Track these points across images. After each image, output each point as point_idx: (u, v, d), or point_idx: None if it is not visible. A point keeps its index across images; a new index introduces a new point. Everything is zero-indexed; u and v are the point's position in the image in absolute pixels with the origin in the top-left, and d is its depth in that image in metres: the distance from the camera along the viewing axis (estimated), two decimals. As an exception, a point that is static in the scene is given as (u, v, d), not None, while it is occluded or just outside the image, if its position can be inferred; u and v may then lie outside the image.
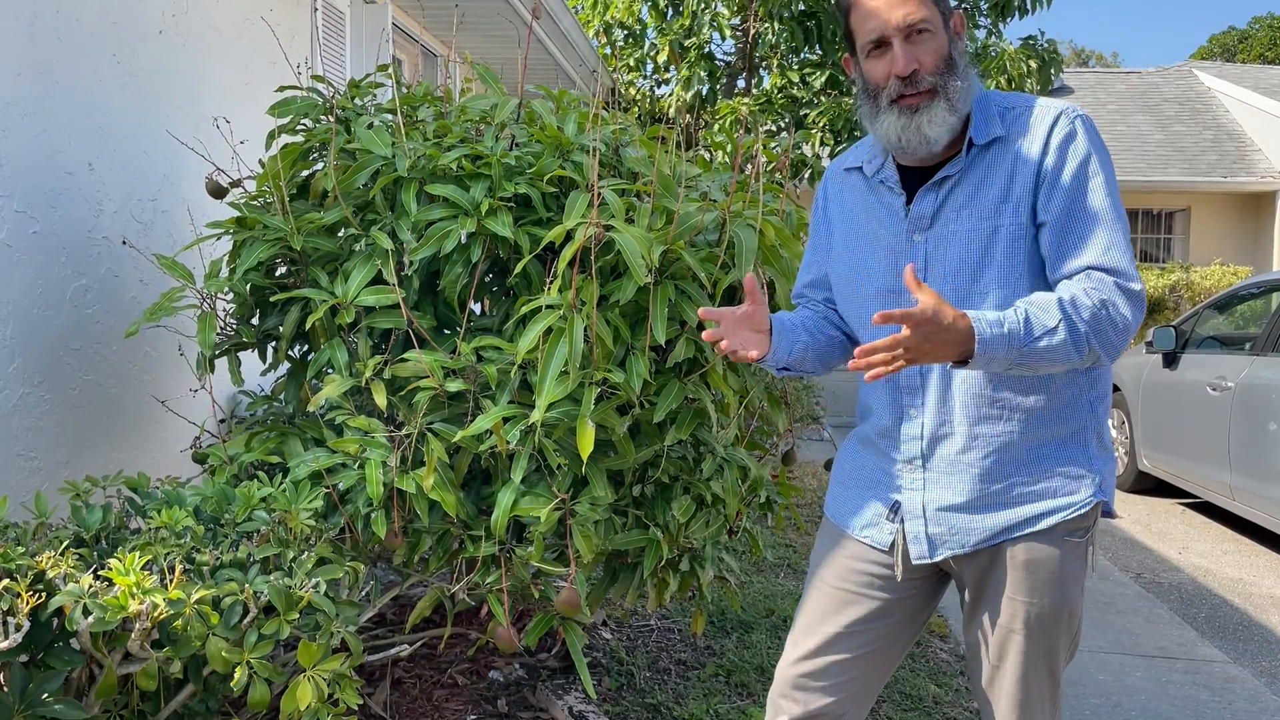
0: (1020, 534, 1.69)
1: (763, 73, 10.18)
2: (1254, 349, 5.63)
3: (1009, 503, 1.69)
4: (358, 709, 2.69)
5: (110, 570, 1.71)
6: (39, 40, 2.70)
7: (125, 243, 3.07)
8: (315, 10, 4.59)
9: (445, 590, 2.50)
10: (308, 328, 2.44)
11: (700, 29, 9.48)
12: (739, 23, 9.67)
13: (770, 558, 4.67)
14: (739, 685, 3.19)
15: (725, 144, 3.73)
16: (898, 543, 1.77)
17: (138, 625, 1.72)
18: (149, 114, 3.21)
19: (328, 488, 2.27)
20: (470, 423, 2.28)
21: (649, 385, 2.39)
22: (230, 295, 2.56)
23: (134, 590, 1.69)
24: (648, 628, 3.63)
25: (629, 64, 10.30)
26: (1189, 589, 4.87)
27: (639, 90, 10.62)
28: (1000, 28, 9.12)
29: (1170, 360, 6.42)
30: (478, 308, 2.68)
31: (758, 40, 9.60)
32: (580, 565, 2.36)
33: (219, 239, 2.60)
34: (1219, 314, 6.58)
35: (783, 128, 9.34)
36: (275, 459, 2.38)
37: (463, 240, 2.37)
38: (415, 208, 2.41)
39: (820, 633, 1.81)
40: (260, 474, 2.28)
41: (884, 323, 1.41)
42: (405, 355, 2.34)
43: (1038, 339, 1.49)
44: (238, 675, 1.78)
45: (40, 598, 1.68)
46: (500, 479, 2.35)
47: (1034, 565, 1.68)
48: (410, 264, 2.40)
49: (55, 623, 1.77)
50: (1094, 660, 3.77)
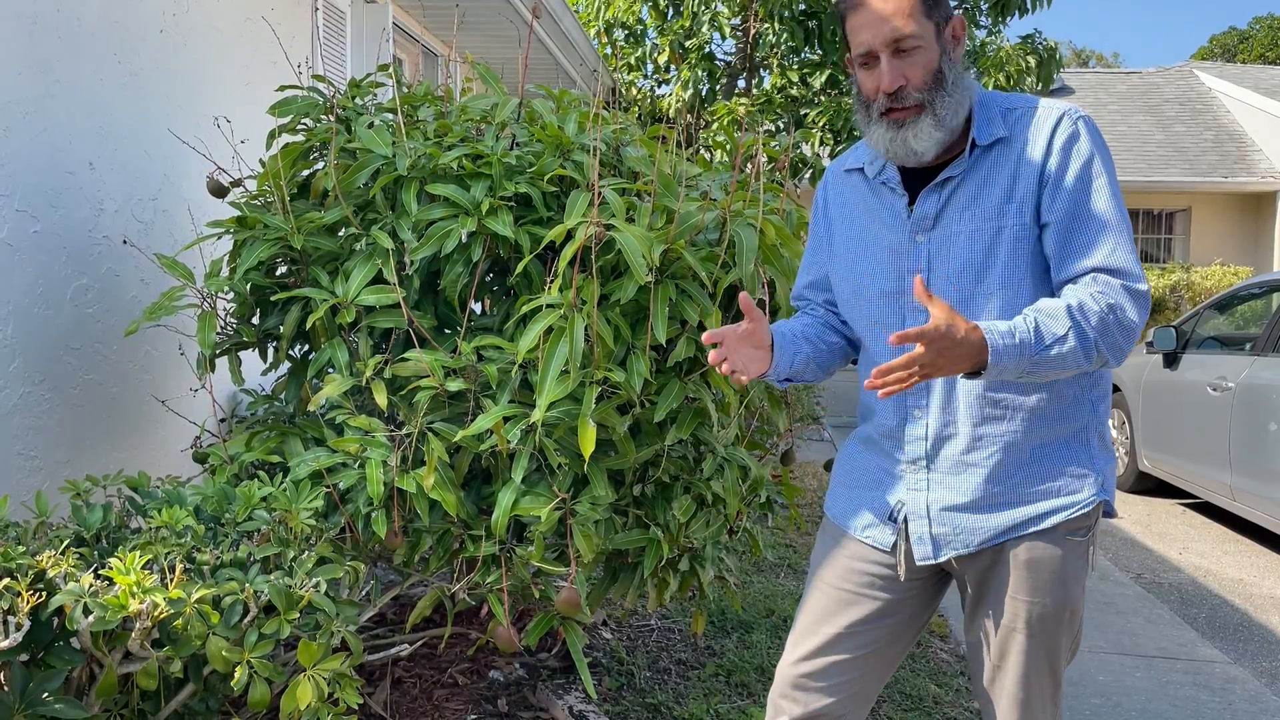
0: (1023, 533, 1.69)
1: (763, 73, 10.18)
2: (1254, 349, 5.63)
3: (1012, 502, 1.69)
4: (358, 708, 2.69)
5: (111, 569, 1.71)
6: (40, 39, 2.70)
7: (126, 242, 3.07)
8: (316, 10, 4.59)
9: (445, 590, 2.50)
10: (308, 327, 2.44)
11: (701, 29, 9.48)
12: (739, 23, 9.68)
13: (770, 558, 4.67)
14: (739, 685, 3.19)
15: (725, 143, 3.73)
16: (900, 543, 1.76)
17: (138, 624, 1.72)
18: (150, 113, 3.21)
19: (328, 487, 2.27)
20: (471, 422, 2.28)
21: (649, 385, 2.39)
22: (231, 294, 2.56)
23: (134, 589, 1.69)
24: (648, 627, 3.63)
25: (629, 64, 10.31)
26: (1189, 589, 4.86)
27: (639, 90, 10.62)
28: (1000, 27, 9.12)
29: (1171, 360, 6.42)
30: (478, 307, 2.68)
31: (758, 40, 9.61)
32: (580, 565, 2.36)
33: (219, 238, 2.60)
34: (1219, 314, 6.58)
35: (782, 128, 9.34)
36: (276, 458, 2.38)
37: (463, 240, 2.37)
38: (416, 207, 2.41)
39: (821, 633, 1.81)
40: (261, 473, 2.28)
41: (900, 343, 1.41)
42: (406, 355, 2.34)
43: (1048, 347, 1.50)
44: (238, 674, 1.78)
45: (41, 597, 1.68)
46: (501, 478, 2.35)
47: (1036, 564, 1.68)
48: (411, 263, 2.40)
49: (56, 622, 1.77)
50: (1094, 660, 3.76)
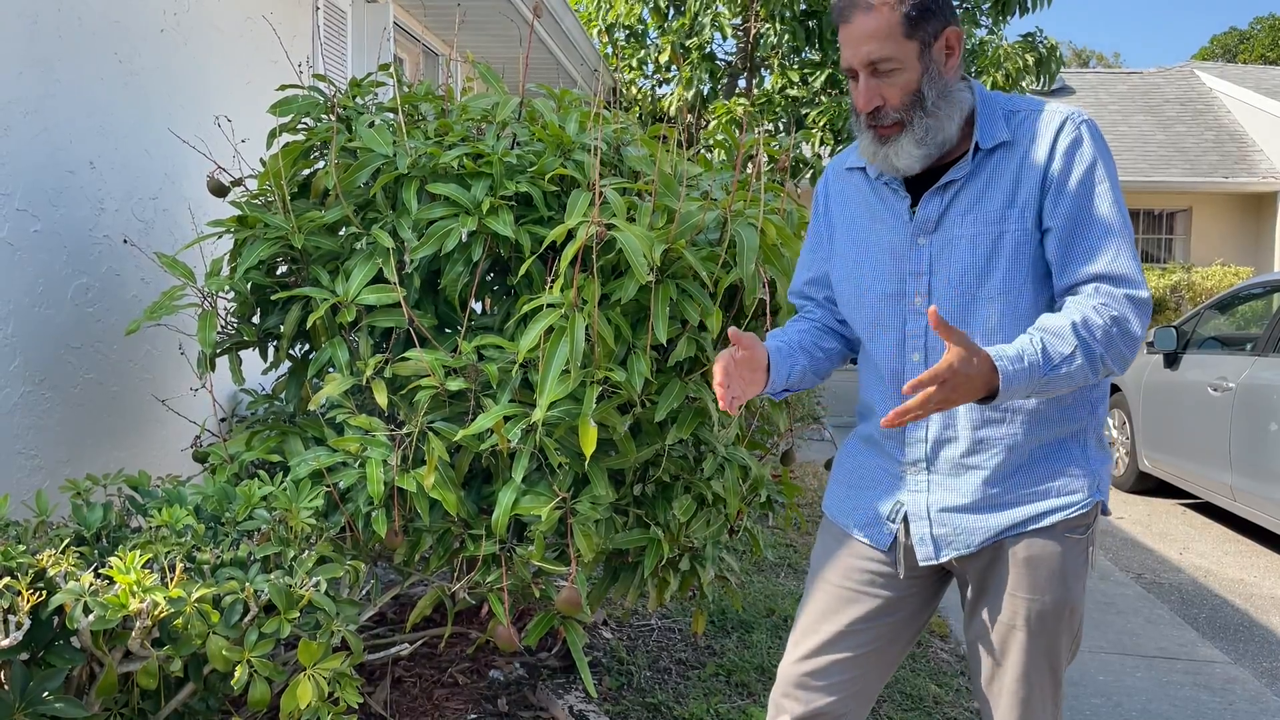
0: (1022, 531, 1.69)
1: (764, 73, 10.18)
2: (1255, 349, 5.63)
3: (1011, 503, 1.70)
4: (358, 708, 2.68)
5: (111, 568, 1.71)
6: (40, 38, 2.70)
7: (126, 241, 3.07)
8: (317, 9, 4.59)
9: (446, 589, 2.50)
10: (308, 326, 2.44)
11: (702, 29, 9.48)
12: (740, 23, 9.67)
13: (771, 557, 4.67)
14: (739, 685, 3.19)
15: (725, 142, 3.73)
16: (900, 541, 1.77)
17: (138, 623, 1.72)
18: (150, 112, 3.21)
19: (328, 486, 2.27)
20: (471, 421, 2.28)
21: (650, 384, 2.39)
22: (231, 294, 2.56)
23: (134, 588, 1.69)
24: (648, 627, 3.63)
25: (630, 64, 10.30)
26: (1190, 589, 4.86)
27: (640, 90, 10.62)
28: (1001, 26, 9.11)
29: (1171, 361, 6.42)
30: (479, 306, 2.68)
31: (759, 40, 9.60)
32: (581, 564, 2.36)
33: (220, 237, 2.60)
34: (1220, 314, 6.58)
35: (782, 128, 9.34)
36: (276, 458, 2.38)
37: (464, 239, 2.37)
38: (416, 206, 2.41)
39: (823, 631, 1.81)
40: (261, 473, 2.28)
41: (914, 391, 1.43)
42: (406, 354, 2.34)
43: (1057, 367, 1.51)
44: (238, 674, 1.78)
45: (41, 596, 1.68)
46: (501, 478, 2.35)
47: (1035, 561, 1.69)
48: (411, 262, 2.40)
49: (56, 621, 1.77)
50: (1094, 660, 3.76)
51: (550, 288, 2.29)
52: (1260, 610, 4.58)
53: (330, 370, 2.48)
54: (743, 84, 10.13)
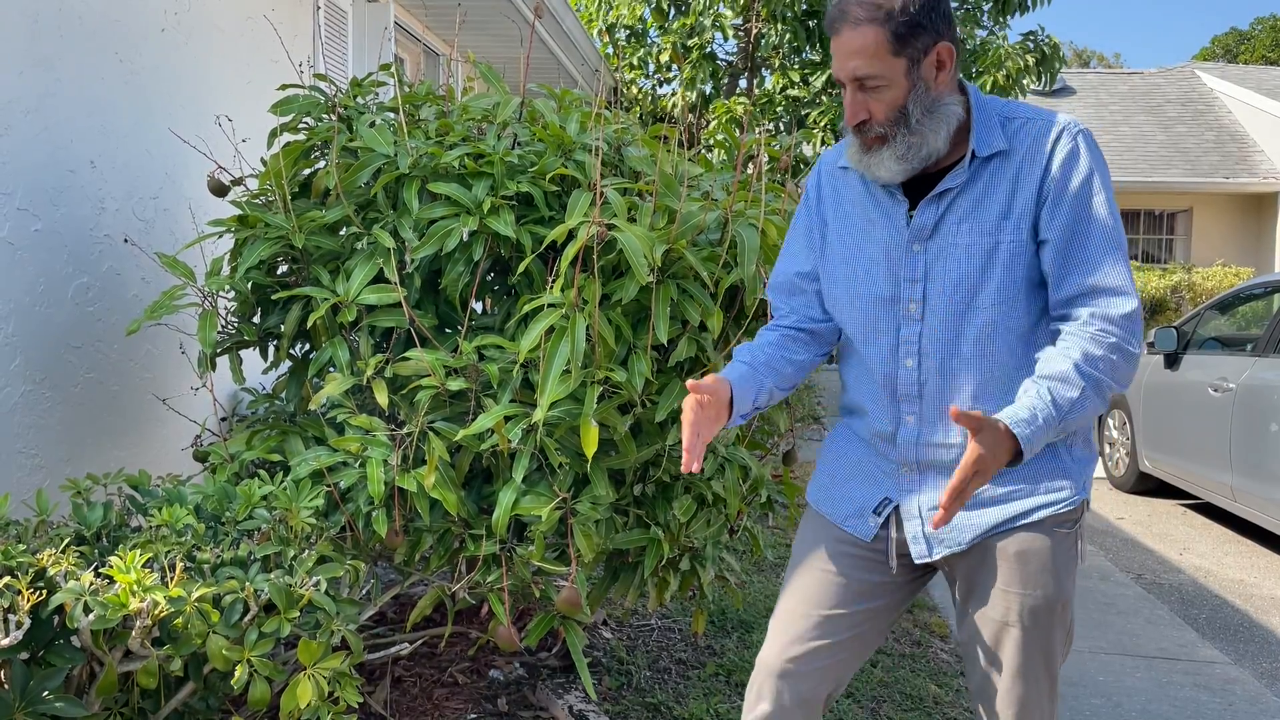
0: (1011, 527, 1.71)
1: (765, 73, 10.18)
2: (1255, 350, 5.63)
3: (1001, 500, 1.72)
4: (358, 707, 2.68)
5: (111, 568, 1.71)
6: (41, 37, 2.70)
7: (127, 241, 3.07)
8: (317, 9, 4.59)
9: (446, 589, 2.50)
10: (309, 326, 2.44)
11: (703, 29, 9.48)
12: (741, 23, 9.67)
13: (771, 557, 4.67)
14: (739, 685, 3.19)
15: (725, 142, 3.73)
16: (889, 536, 1.79)
17: (138, 623, 1.72)
18: (151, 112, 3.21)
19: (329, 486, 2.27)
20: (472, 421, 2.28)
21: (651, 384, 2.39)
22: (232, 293, 2.56)
23: (135, 588, 1.69)
24: (648, 627, 3.63)
25: (631, 63, 10.30)
26: (1190, 590, 4.86)
27: (641, 90, 10.62)
28: (1002, 26, 9.11)
29: (1172, 361, 6.42)
30: (479, 306, 2.68)
31: (760, 40, 9.60)
32: (581, 564, 2.36)
33: (220, 237, 2.60)
34: (1221, 315, 6.58)
35: (783, 128, 9.34)
36: (276, 457, 2.38)
37: (465, 239, 2.37)
38: (417, 206, 2.41)
39: (805, 619, 1.82)
40: (261, 472, 2.28)
41: (949, 516, 1.50)
42: (407, 354, 2.34)
43: (1070, 413, 1.57)
44: (238, 673, 1.78)
45: (41, 595, 1.68)
46: (501, 478, 2.35)
47: (1026, 556, 1.70)
48: (412, 262, 2.40)
49: (56, 620, 1.77)
50: (1094, 661, 3.76)
51: (551, 288, 2.29)
52: (1260, 611, 4.58)
53: (331, 370, 2.49)
54: (743, 84, 10.13)
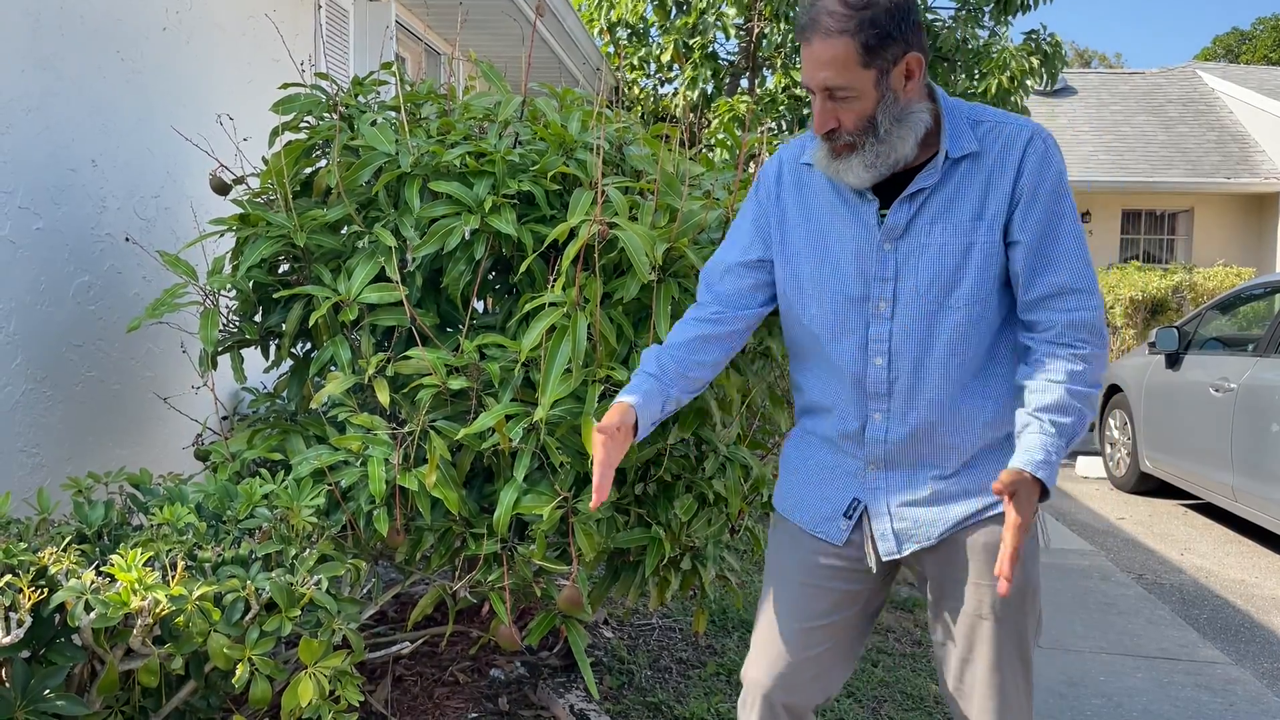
0: (977, 520, 1.75)
1: (766, 72, 10.17)
2: (1257, 350, 5.62)
3: (966, 495, 1.76)
4: (359, 706, 2.68)
5: (112, 566, 1.71)
6: (42, 36, 2.70)
7: (128, 239, 3.07)
8: (319, 8, 4.59)
9: (447, 588, 2.50)
10: (310, 325, 2.44)
11: (705, 29, 9.48)
12: (743, 22, 9.66)
13: (772, 557, 4.67)
14: (740, 684, 3.19)
15: (726, 141, 3.73)
16: (868, 535, 1.81)
17: (139, 621, 1.72)
18: (152, 110, 3.21)
19: (330, 485, 2.27)
20: (473, 420, 2.27)
21: (652, 384, 2.38)
22: (233, 292, 2.56)
23: (136, 586, 1.69)
24: (649, 626, 3.63)
25: (632, 63, 10.30)
26: (1191, 590, 4.86)
27: (643, 90, 10.62)
28: (1003, 27, 9.09)
29: (1173, 361, 6.41)
30: (481, 305, 2.68)
31: (761, 40, 9.60)
32: (582, 563, 2.36)
33: (222, 236, 2.60)
34: (1222, 315, 6.57)
35: (784, 127, 9.34)
36: (277, 456, 2.38)
37: (466, 237, 2.37)
38: (418, 205, 2.41)
39: (791, 630, 1.84)
40: (262, 471, 2.28)
41: (1013, 566, 1.57)
42: (408, 353, 2.34)
43: (1072, 437, 1.67)
44: (239, 672, 1.78)
45: (42, 593, 1.68)
46: (503, 477, 2.34)
47: (994, 548, 1.73)
48: (413, 261, 2.39)
49: (57, 619, 1.77)
50: (1095, 661, 3.76)
51: (552, 286, 2.29)
52: (1261, 611, 4.58)
53: (332, 369, 2.48)
54: (745, 84, 10.12)
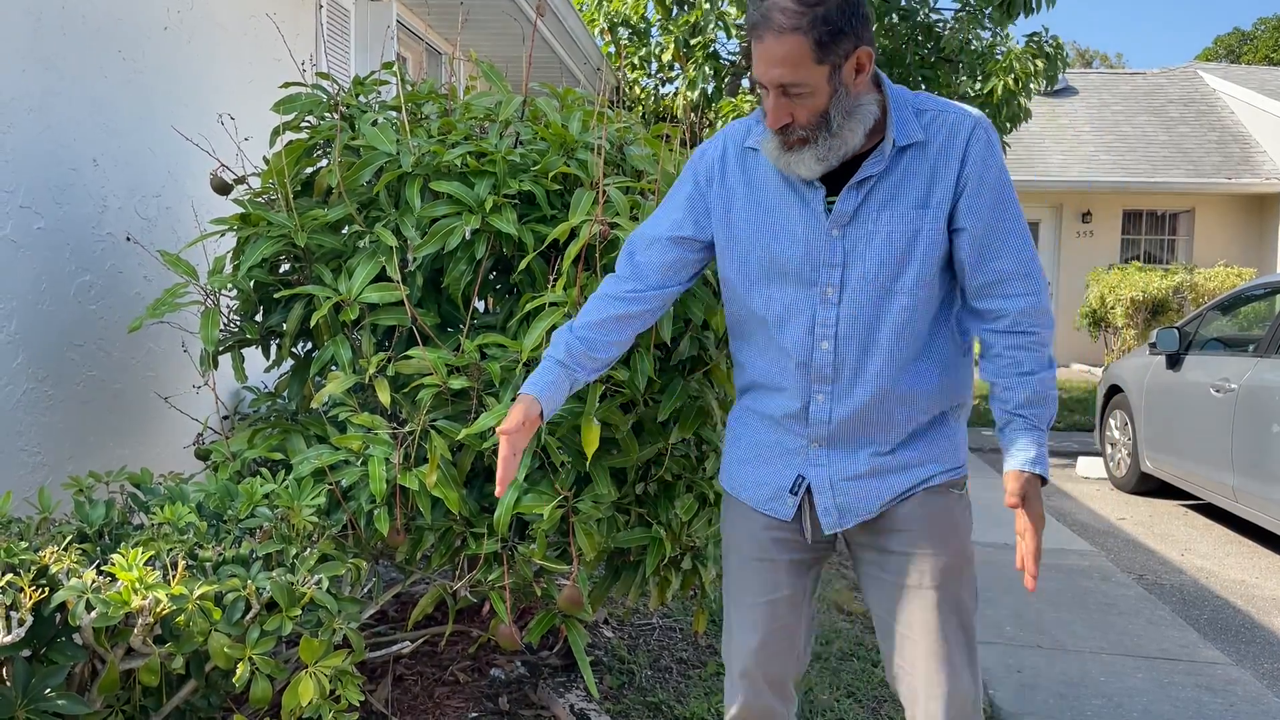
0: (912, 491, 1.82)
1: (767, 72, 10.14)
2: (1258, 351, 5.62)
3: (904, 468, 1.82)
4: (359, 705, 2.69)
5: (113, 566, 1.71)
6: (44, 36, 2.70)
7: (129, 239, 3.07)
8: (320, 7, 4.59)
9: (447, 587, 2.50)
10: (311, 324, 2.44)
11: (706, 27, 9.48)
12: (744, 21, 9.65)
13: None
14: (740, 684, 3.19)
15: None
16: (805, 513, 1.87)
17: (140, 621, 1.72)
18: (153, 110, 3.21)
19: (330, 484, 2.27)
20: (474, 420, 2.28)
21: (653, 383, 2.38)
22: (234, 291, 2.56)
23: (137, 586, 1.69)
24: (649, 626, 3.63)
25: (633, 62, 10.29)
26: (1191, 591, 4.86)
27: (643, 89, 10.61)
28: (1006, 28, 9.09)
29: (1174, 362, 6.41)
30: (482, 305, 2.68)
31: (762, 39, 9.57)
32: (583, 563, 2.36)
33: (223, 235, 2.60)
34: (1223, 316, 6.57)
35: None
36: (278, 455, 2.38)
37: (467, 237, 2.37)
38: (419, 204, 2.41)
39: (758, 606, 1.91)
40: (263, 470, 2.29)
41: (1036, 564, 1.72)
42: (409, 352, 2.34)
43: (1049, 422, 1.78)
44: (240, 671, 1.78)
45: (43, 593, 1.68)
46: (503, 476, 2.34)
47: (933, 518, 1.82)
48: (414, 261, 2.40)
49: (58, 618, 1.77)
50: (1096, 661, 3.76)
51: (553, 286, 2.29)
52: (1262, 611, 4.57)
53: (333, 368, 2.49)
54: (746, 83, 10.12)
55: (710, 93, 9.72)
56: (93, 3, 2.90)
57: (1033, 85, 8.68)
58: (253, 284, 2.54)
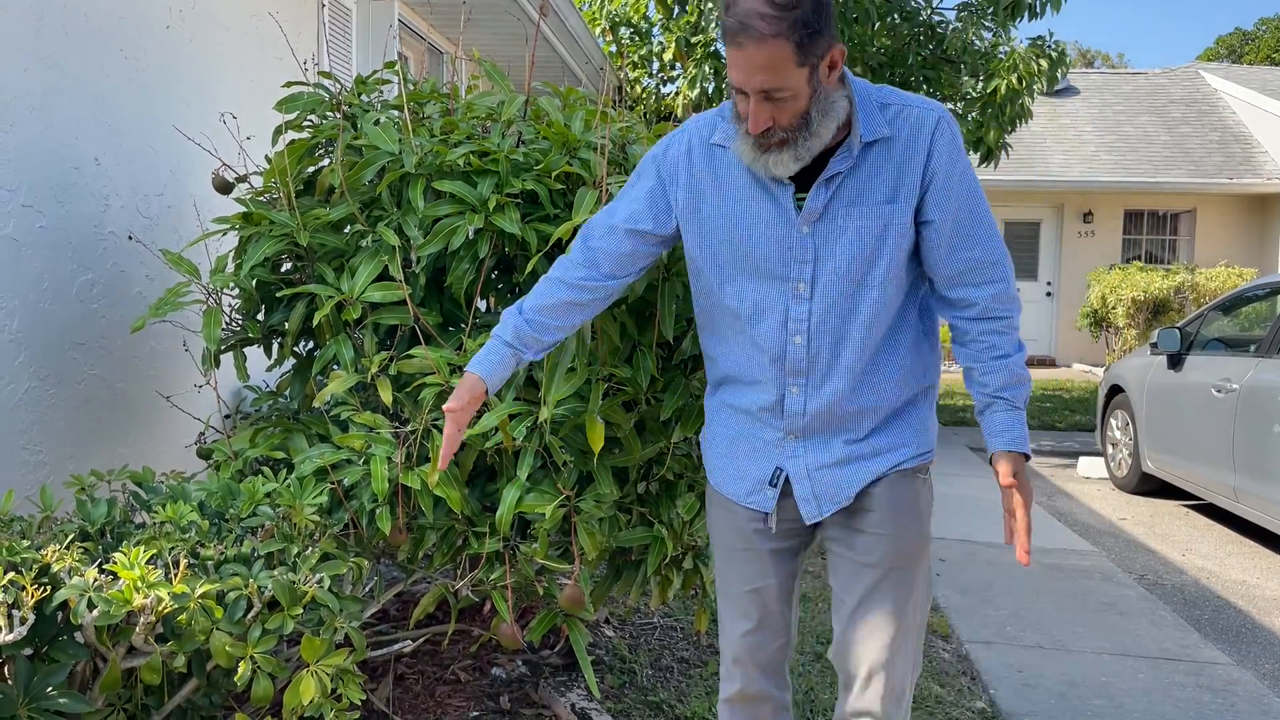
0: (885, 474, 1.86)
1: (768, 71, 10.14)
2: (1259, 351, 5.62)
3: (876, 454, 1.86)
4: (360, 704, 2.69)
5: (115, 564, 1.71)
6: (46, 35, 2.70)
7: (131, 238, 3.07)
8: (322, 7, 4.59)
9: (449, 587, 2.50)
10: (313, 324, 2.44)
11: (707, 26, 9.47)
12: (745, 21, 9.64)
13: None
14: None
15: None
16: (786, 502, 1.90)
17: (142, 619, 1.72)
18: (156, 109, 3.22)
19: (332, 483, 2.27)
20: (476, 419, 2.28)
21: (655, 382, 2.39)
22: (236, 291, 2.56)
23: (138, 584, 1.69)
24: (650, 625, 3.63)
25: (634, 61, 10.29)
26: (1192, 591, 4.86)
27: (645, 89, 10.61)
28: (1009, 30, 9.08)
29: (1175, 362, 6.41)
30: (484, 304, 2.68)
31: (763, 39, 9.56)
32: (584, 562, 2.36)
33: (225, 234, 2.60)
34: (1224, 316, 6.57)
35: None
36: (280, 454, 2.38)
37: (470, 236, 2.37)
38: (422, 204, 2.41)
39: (746, 596, 1.96)
40: (265, 469, 2.29)
41: (1028, 536, 1.79)
42: (411, 351, 2.34)
43: (1027, 399, 1.85)
44: (241, 670, 1.78)
45: (45, 591, 1.68)
46: (505, 475, 2.35)
47: (898, 500, 1.86)
48: (417, 260, 2.40)
49: (60, 616, 1.78)
50: (1097, 661, 3.76)
51: (555, 286, 2.28)
52: (1263, 612, 4.57)
53: (335, 367, 2.49)
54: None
55: (711, 92, 9.71)
56: (95, 2, 2.90)
57: (1037, 86, 8.68)
58: (255, 283, 2.54)
